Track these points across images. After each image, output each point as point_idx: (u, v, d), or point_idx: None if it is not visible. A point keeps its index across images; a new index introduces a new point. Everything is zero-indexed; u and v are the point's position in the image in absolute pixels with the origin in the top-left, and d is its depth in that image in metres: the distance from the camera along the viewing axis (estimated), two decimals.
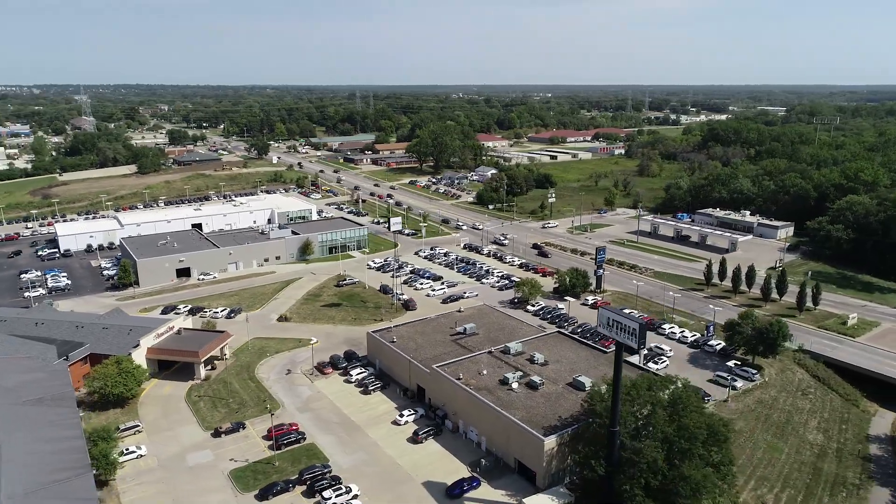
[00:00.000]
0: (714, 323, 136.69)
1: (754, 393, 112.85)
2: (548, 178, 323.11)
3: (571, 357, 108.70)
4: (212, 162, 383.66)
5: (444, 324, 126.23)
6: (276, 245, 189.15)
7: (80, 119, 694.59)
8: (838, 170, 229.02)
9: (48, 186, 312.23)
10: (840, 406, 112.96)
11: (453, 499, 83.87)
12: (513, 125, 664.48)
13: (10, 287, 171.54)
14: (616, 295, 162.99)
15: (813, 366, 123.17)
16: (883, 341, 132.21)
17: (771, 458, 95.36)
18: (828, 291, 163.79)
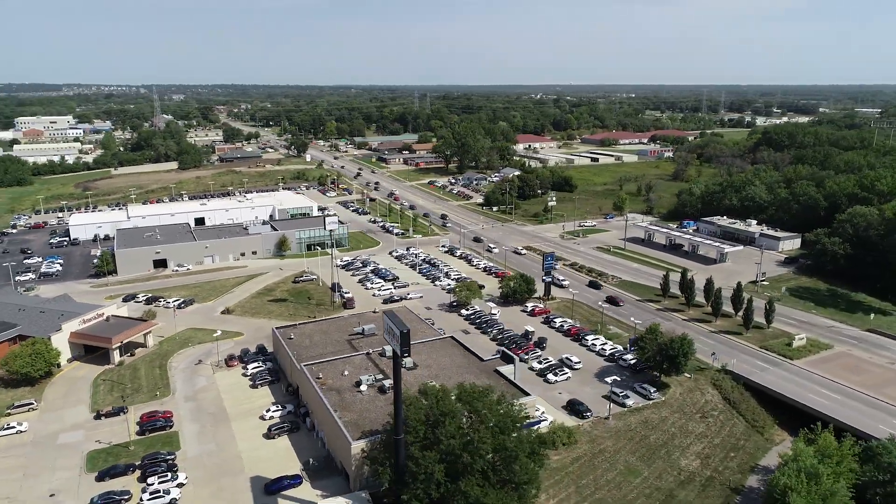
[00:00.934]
0: (637, 336, 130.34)
1: (644, 412, 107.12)
2: (567, 180, 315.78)
3: (444, 363, 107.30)
4: (252, 159, 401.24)
5: (353, 323, 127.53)
6: (253, 240, 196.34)
7: (160, 117, 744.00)
8: (855, 178, 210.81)
9: (95, 180, 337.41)
10: (740, 433, 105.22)
11: (269, 494, 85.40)
12: (569, 126, 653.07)
13: (8, 272, 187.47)
14: (563, 303, 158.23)
15: (729, 387, 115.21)
16: (823, 366, 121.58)
17: (622, 481, 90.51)
18: (801, 309, 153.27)
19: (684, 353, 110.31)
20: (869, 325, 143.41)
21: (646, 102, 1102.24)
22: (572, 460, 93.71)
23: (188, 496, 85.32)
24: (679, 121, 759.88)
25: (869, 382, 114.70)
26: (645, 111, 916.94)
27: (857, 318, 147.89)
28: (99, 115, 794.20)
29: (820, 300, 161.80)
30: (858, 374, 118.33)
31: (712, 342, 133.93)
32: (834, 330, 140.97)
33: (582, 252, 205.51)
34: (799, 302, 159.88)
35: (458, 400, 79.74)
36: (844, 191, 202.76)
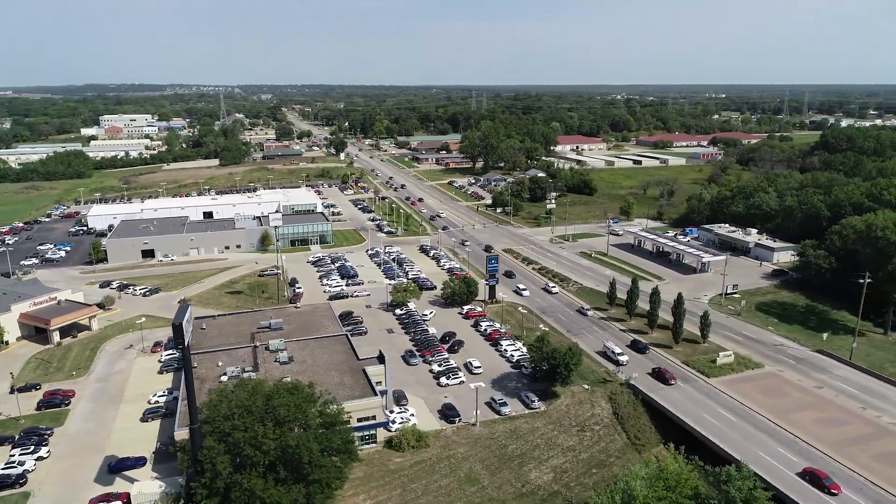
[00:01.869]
0: None
1: (517, 421, 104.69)
2: (587, 183, 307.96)
3: (321, 360, 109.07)
4: (292, 156, 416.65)
5: (268, 316, 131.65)
6: (237, 234, 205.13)
7: (232, 116, 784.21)
8: (866, 186, 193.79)
9: (140, 174, 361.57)
10: (616, 449, 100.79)
11: (111, 473, 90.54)
12: (628, 127, 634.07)
13: (20, 256, 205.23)
14: (507, 306, 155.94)
15: (625, 402, 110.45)
16: (737, 386, 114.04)
17: (455, 489, 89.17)
18: (759, 325, 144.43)
19: (565, 364, 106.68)
20: (820, 345, 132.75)
21: (727, 103, 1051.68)
22: (414, 463, 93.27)
23: (42, 469, 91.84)
24: (754, 122, 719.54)
25: (778, 406, 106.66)
26: (721, 112, 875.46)
27: (816, 337, 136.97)
28: (180, 113, 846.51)
29: (790, 316, 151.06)
30: (773, 396, 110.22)
31: (636, 354, 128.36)
32: (780, 348, 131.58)
33: (561, 256, 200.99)
34: (762, 317, 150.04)
35: (266, 395, 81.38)
36: (850, 200, 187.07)
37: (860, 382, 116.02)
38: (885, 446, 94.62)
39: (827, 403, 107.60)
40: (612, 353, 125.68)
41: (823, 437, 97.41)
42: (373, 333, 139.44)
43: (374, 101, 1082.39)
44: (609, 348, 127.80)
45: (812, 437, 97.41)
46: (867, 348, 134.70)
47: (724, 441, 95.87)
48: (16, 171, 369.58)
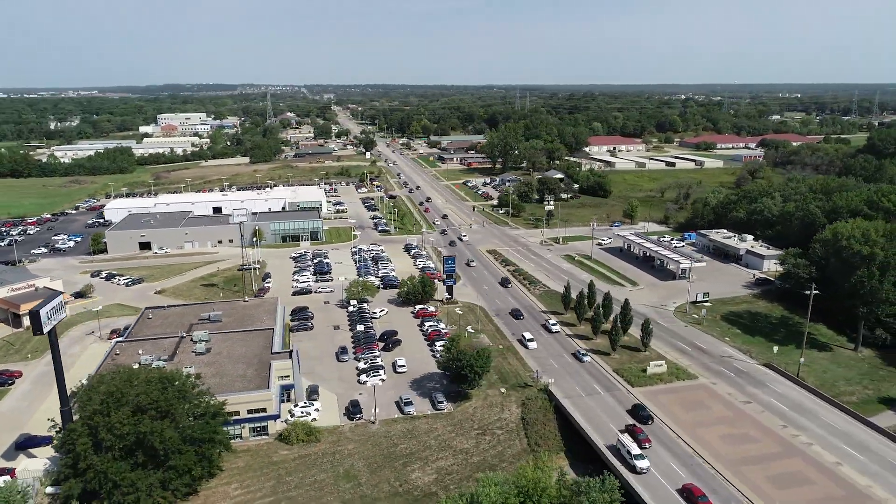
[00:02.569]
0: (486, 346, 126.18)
1: (417, 420, 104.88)
2: (601, 185, 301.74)
3: (238, 352, 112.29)
4: (322, 155, 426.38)
5: (210, 309, 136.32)
6: (230, 229, 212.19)
7: (284, 114, 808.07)
8: (866, 192, 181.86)
9: (174, 170, 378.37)
10: (512, 454, 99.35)
11: (18, 449, 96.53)
12: (674, 128, 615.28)
13: (36, 245, 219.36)
14: (464, 306, 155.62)
15: (536, 408, 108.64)
16: (657, 397, 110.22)
17: (330, 484, 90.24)
18: (716, 335, 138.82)
19: (470, 367, 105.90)
20: (770, 358, 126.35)
21: (793, 103, 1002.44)
22: (298, 457, 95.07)
23: None
24: (815, 124, 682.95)
25: (691, 420, 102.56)
26: (783, 112, 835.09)
27: (768, 350, 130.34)
28: (237, 112, 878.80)
29: (757, 328, 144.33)
30: (691, 410, 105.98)
31: (569, 360, 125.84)
32: (726, 360, 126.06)
33: (544, 259, 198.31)
34: (724, 327, 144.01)
35: (147, 381, 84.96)
36: (849, 206, 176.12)
37: (795, 399, 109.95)
38: (785, 467, 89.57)
39: (746, 419, 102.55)
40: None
41: (724, 453, 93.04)
42: (319, 329, 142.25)
43: (426, 100, 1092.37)
44: None
45: (712, 453, 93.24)
46: (828, 364, 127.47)
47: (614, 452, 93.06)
48: (64, 166, 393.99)
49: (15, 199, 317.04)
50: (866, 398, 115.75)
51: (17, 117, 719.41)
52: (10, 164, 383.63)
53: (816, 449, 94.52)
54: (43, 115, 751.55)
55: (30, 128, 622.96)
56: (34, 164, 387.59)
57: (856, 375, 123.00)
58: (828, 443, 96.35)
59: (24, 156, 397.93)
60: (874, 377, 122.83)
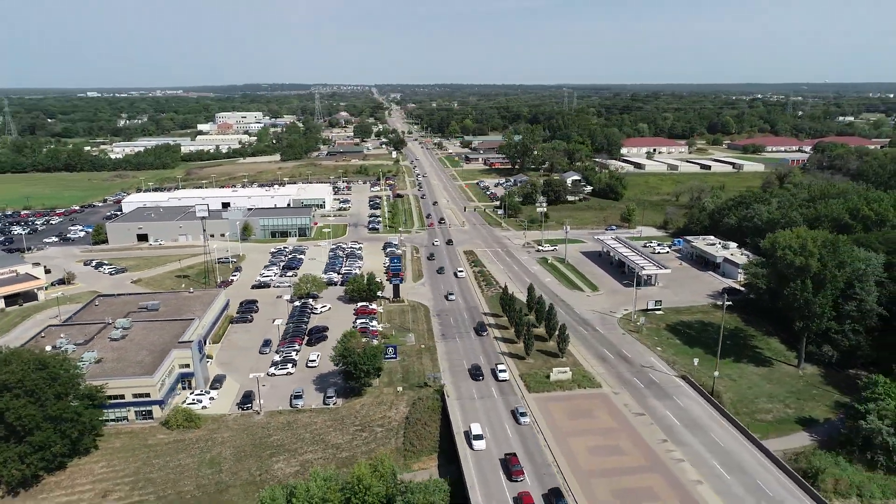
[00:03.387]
0: (392, 346, 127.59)
1: (302, 414, 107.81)
2: (612, 188, 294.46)
3: (150, 339, 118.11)
4: (353, 153, 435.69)
5: (153, 298, 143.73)
6: (222, 224, 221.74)
7: (338, 113, 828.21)
8: (854, 200, 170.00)
9: (206, 167, 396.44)
10: (379, 454, 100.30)
11: None
12: (727, 129, 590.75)
13: (51, 235, 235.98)
14: (409, 305, 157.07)
15: (425, 408, 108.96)
16: (547, 404, 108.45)
17: (194, 468, 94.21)
18: (647, 344, 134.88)
19: (353, 364, 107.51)
20: (690, 370, 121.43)
21: (875, 104, 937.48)
22: (173, 441, 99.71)
23: None
24: (889, 126, 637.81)
25: (568, 428, 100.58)
26: (859, 114, 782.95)
27: (709, 362, 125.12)
28: (295, 111, 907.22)
29: (700, 339, 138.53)
30: (575, 418, 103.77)
31: (483, 362, 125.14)
32: (643, 370, 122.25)
33: (516, 261, 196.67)
34: (664, 337, 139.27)
35: (24, 363, 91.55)
36: (830, 215, 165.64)
37: (694, 414, 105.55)
38: (638, 482, 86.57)
39: (626, 432, 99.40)
40: None
41: (583, 465, 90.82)
42: (259, 322, 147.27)
43: (484, 99, 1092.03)
44: None
45: (571, 463, 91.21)
46: (758, 380, 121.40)
47: (474, 457, 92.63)
48: (112, 162, 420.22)
49: (58, 190, 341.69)
50: (783, 417, 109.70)
51: (93, 115, 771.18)
52: (65, 158, 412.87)
53: (685, 466, 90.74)
54: (116, 114, 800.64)
55: (100, 125, 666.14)
56: (85, 159, 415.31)
57: (783, 393, 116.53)
58: (701, 460, 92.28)
59: (77, 151, 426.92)
60: (803, 396, 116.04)
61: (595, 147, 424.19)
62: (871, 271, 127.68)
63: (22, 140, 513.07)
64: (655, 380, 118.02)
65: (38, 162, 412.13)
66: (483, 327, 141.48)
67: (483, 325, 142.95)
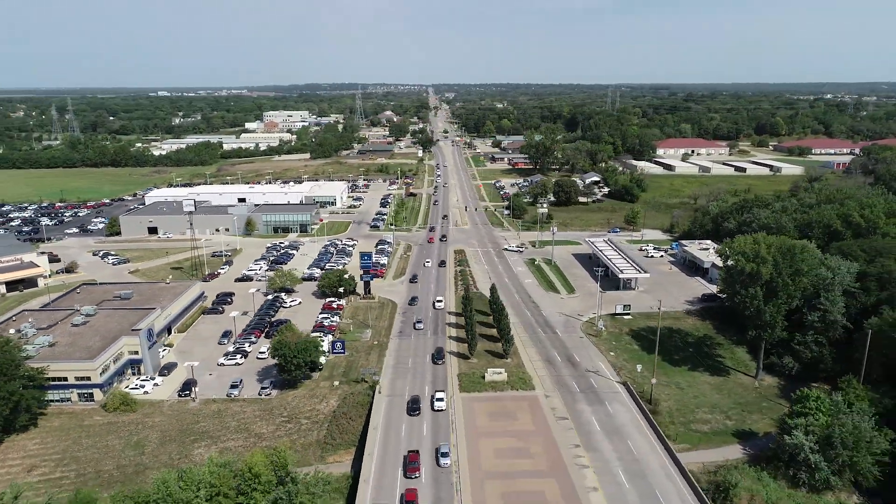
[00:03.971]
0: (339, 341, 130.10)
1: (235, 403, 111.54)
2: (628, 190, 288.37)
3: (109, 326, 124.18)
4: (380, 152, 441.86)
5: (128, 288, 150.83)
6: (226, 219, 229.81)
7: (385, 113, 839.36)
8: (848, 206, 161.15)
9: (238, 164, 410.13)
10: (305, 443, 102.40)
11: None
12: (775, 130, 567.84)
13: (77, 224, 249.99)
14: (378, 302, 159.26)
15: (354, 403, 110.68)
16: (472, 405, 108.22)
17: (116, 450, 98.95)
18: (603, 349, 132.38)
19: (283, 356, 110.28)
20: (633, 376, 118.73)
21: None
22: (107, 423, 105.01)
23: None
24: None
25: (484, 428, 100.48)
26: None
27: (662, 370, 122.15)
28: (343, 110, 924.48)
29: (662, 347, 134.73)
30: (496, 419, 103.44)
31: (427, 360, 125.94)
32: (586, 374, 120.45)
33: (504, 261, 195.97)
34: (623, 342, 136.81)
35: None
36: (821, 220, 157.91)
37: (619, 421, 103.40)
38: (532, 486, 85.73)
39: (541, 435, 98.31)
40: None
41: (484, 466, 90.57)
42: (230, 314, 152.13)
43: (534, 99, 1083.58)
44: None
45: (473, 463, 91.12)
46: (707, 389, 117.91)
47: (382, 450, 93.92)
48: (154, 158, 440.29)
49: (99, 184, 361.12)
50: (720, 429, 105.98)
51: (151, 114, 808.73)
52: (111, 154, 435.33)
53: (586, 472, 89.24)
54: (173, 112, 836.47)
55: (154, 123, 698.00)
56: (129, 155, 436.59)
57: (729, 404, 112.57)
58: (606, 468, 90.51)
59: (122, 148, 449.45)
60: (750, 408, 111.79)
61: (627, 148, 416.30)
62: (838, 281, 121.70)
63: (76, 136, 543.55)
64: (594, 385, 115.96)
65: (88, 157, 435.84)
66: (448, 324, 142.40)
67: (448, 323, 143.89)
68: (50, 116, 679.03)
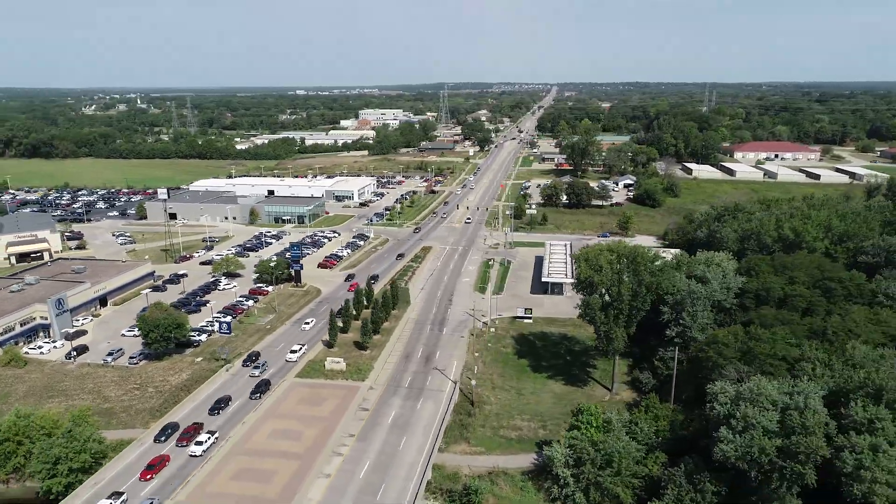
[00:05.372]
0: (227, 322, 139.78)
1: (103, 369, 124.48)
2: (650, 194, 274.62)
3: (36, 295, 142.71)
4: (436, 150, 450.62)
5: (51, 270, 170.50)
6: (233, 209, 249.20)
7: (479, 112, 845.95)
8: (782, 219, 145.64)
9: (300, 159, 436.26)
10: (136, 409, 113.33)
11: None
12: (892, 133, 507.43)
13: (115, 210, 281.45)
14: (308, 290, 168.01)
15: (199, 378, 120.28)
16: (296, 389, 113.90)
17: None
18: (467, 349, 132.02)
19: (147, 333, 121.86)
20: (472, 378, 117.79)
21: None
22: None
23: None
24: None
25: (286, 411, 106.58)
26: None
27: (521, 373, 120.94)
28: (431, 109, 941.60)
29: (539, 353, 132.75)
30: (305, 404, 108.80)
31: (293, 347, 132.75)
32: (431, 373, 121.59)
33: (461, 260, 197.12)
34: (498, 344, 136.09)
35: None
36: (775, 235, 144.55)
37: (414, 418, 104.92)
38: (269, 465, 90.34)
39: (327, 423, 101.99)
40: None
41: (249, 443, 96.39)
42: (171, 292, 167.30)
43: (646, 98, 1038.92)
44: None
45: (243, 438, 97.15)
46: (547, 398, 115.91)
47: (178, 419, 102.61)
48: (236, 151, 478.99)
49: (175, 174, 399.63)
50: (529, 437, 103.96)
51: (264, 111, 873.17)
52: (199, 148, 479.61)
53: (335, 460, 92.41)
54: (280, 110, 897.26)
55: (261, 120, 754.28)
56: (215, 149, 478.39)
57: (557, 414, 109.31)
58: (357, 458, 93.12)
59: (209, 142, 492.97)
60: None
61: (688, 151, 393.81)
62: (704, 296, 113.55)
63: (184, 131, 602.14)
64: (427, 382, 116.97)
65: (180, 150, 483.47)
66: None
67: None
68: (181, 112, 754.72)
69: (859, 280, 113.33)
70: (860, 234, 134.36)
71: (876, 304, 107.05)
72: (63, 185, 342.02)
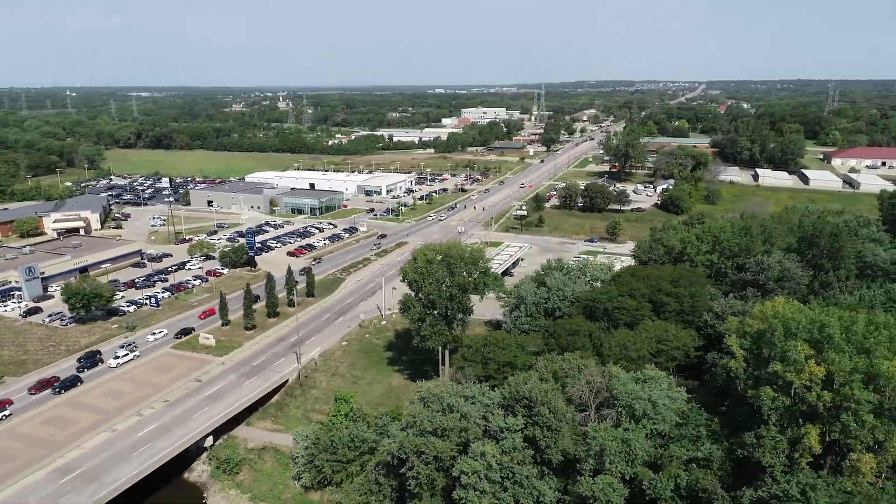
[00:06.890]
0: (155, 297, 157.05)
1: (36, 328, 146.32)
2: (673, 201, 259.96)
3: (24, 263, 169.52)
4: (508, 149, 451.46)
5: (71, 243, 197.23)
6: (257, 199, 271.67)
7: (587, 111, 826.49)
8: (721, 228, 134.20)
9: (375, 156, 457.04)
10: (40, 364, 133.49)
11: None
12: None
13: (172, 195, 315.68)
14: (258, 274, 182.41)
15: (101, 340, 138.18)
16: (157, 360, 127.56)
17: None
18: (344, 338, 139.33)
19: (68, 299, 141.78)
20: (316, 362, 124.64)
21: None
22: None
23: None
24: None
25: (136, 376, 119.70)
26: None
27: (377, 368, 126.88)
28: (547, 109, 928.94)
29: (412, 347, 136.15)
30: (157, 371, 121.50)
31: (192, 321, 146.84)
32: (286, 355, 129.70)
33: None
34: (372, 335, 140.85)
35: None
36: (668, 243, 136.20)
37: (221, 389, 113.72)
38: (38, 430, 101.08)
39: (153, 388, 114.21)
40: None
41: (85, 399, 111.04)
42: (148, 268, 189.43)
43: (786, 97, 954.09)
44: None
45: (82, 396, 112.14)
46: (373, 389, 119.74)
47: None
48: (322, 147, 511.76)
49: (259, 166, 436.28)
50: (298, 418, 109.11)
51: (377, 109, 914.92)
52: (291, 142, 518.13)
53: (133, 420, 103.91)
54: (390, 108, 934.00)
55: (368, 118, 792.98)
56: (303, 143, 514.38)
57: (375, 404, 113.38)
58: (152, 422, 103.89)
59: (298, 137, 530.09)
60: None
61: (765, 157, 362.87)
62: (530, 301, 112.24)
63: (296, 127, 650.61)
64: (276, 364, 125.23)
65: (275, 144, 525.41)
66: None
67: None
68: (299, 109, 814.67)
69: (700, 295, 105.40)
70: (752, 249, 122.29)
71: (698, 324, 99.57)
72: (153, 173, 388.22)
